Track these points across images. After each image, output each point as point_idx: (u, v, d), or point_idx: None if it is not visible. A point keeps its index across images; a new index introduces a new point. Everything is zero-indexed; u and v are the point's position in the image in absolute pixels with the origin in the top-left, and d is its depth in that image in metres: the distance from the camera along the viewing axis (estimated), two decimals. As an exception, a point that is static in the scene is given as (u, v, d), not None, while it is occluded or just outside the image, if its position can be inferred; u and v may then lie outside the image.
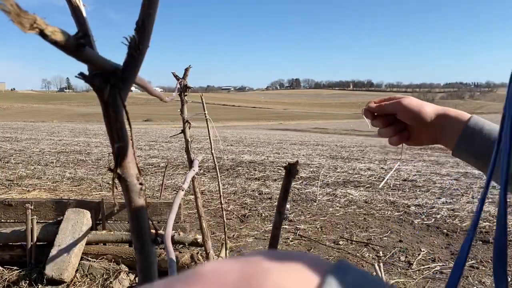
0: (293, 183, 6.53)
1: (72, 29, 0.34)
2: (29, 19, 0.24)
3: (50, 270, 2.79)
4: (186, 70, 3.23)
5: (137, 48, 0.37)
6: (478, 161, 0.73)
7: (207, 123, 3.53)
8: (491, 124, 0.74)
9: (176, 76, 3.18)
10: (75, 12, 0.37)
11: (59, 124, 26.42)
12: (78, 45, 0.30)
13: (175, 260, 1.49)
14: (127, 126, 0.43)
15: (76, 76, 0.36)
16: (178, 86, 3.17)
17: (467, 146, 0.73)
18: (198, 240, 3.02)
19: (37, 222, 3.05)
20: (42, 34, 0.26)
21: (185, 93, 3.27)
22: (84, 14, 0.37)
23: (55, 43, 0.27)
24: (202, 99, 3.68)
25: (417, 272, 3.25)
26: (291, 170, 0.66)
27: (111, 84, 0.37)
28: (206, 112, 3.53)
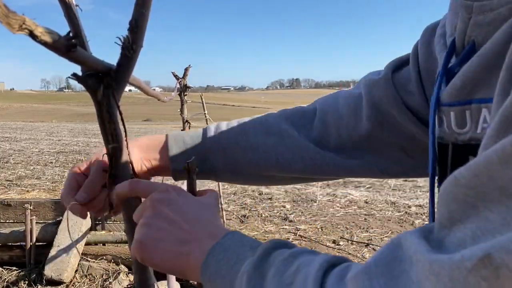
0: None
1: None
2: (17, 20, 0.24)
3: (50, 270, 2.79)
4: (186, 69, 3.23)
5: (131, 48, 0.37)
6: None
7: (207, 123, 3.53)
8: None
9: (175, 76, 3.17)
10: (68, 12, 0.36)
11: (58, 124, 26.41)
12: (69, 45, 0.29)
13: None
14: (121, 127, 0.43)
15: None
16: (178, 85, 3.17)
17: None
18: (198, 240, 3.02)
19: (36, 222, 3.04)
20: (32, 35, 0.25)
21: (185, 93, 3.26)
22: (77, 14, 0.37)
23: (45, 44, 0.26)
24: (202, 99, 3.68)
25: (417, 272, 3.24)
26: (190, 169, 0.65)
27: (104, 84, 0.37)
28: (206, 112, 3.53)
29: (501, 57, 0.33)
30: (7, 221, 3.35)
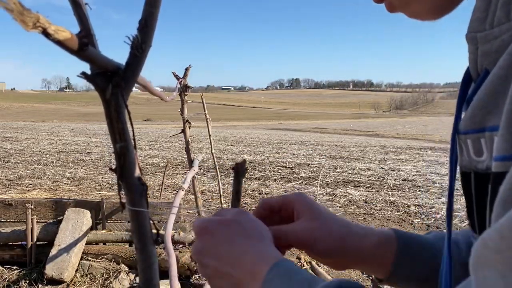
0: (293, 183, 6.52)
1: (73, 29, 0.34)
2: (32, 18, 0.24)
3: (50, 269, 2.79)
4: (186, 69, 3.23)
5: (140, 47, 0.37)
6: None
7: (207, 123, 3.53)
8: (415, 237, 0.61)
9: (176, 76, 3.17)
10: (78, 11, 0.37)
11: (59, 124, 26.42)
12: (81, 44, 0.29)
13: (175, 260, 1.49)
14: (128, 126, 0.43)
15: (78, 76, 0.36)
16: (178, 85, 3.17)
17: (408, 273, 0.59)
18: (198, 240, 3.02)
19: (37, 221, 3.05)
20: (45, 33, 0.26)
21: (185, 93, 3.26)
22: (86, 13, 0.37)
23: (58, 42, 0.27)
24: (202, 99, 3.68)
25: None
26: (239, 170, 0.65)
27: (113, 83, 0.37)
28: (206, 112, 3.53)
29: (505, 82, 0.34)
30: (8, 220, 3.35)
